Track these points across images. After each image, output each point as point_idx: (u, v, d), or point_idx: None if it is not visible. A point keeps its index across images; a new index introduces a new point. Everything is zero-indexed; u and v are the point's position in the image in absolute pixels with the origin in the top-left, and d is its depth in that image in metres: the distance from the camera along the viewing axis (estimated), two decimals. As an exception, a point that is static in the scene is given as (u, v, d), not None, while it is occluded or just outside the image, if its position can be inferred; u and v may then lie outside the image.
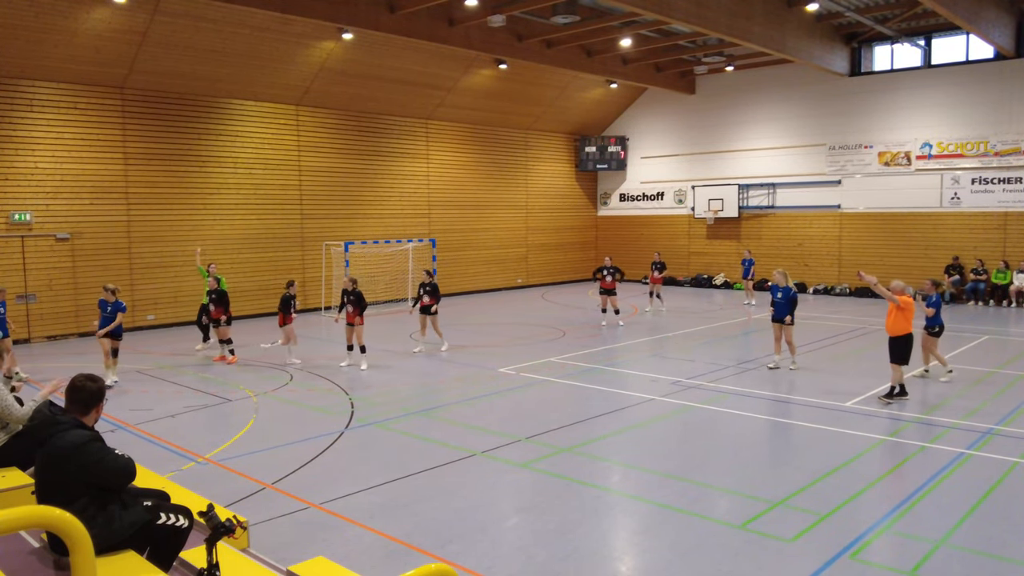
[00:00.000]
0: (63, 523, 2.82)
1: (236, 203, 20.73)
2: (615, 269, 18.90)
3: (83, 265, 18.04)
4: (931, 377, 12.57)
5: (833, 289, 25.48)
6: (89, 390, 4.57)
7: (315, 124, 22.28)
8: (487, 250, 27.50)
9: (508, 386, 12.46)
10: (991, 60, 22.44)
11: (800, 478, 7.92)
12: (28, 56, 16.32)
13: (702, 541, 6.46)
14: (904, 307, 11.02)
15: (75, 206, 17.88)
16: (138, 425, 10.26)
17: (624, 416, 10.55)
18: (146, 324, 19.07)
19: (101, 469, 4.38)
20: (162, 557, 4.56)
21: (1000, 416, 10.25)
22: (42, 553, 4.50)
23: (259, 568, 4.67)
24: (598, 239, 31.93)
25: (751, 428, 10.00)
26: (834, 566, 5.94)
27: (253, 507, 7.19)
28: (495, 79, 24.52)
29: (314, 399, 11.64)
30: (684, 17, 17.16)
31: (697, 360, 14.44)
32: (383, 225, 24.15)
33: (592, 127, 30.77)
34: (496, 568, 5.98)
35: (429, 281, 15.54)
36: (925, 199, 23.71)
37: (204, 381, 13.03)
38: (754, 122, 27.17)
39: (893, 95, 24.08)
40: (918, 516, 6.93)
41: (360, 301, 13.93)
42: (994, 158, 22.37)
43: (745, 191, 27.31)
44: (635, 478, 8.18)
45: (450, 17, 19.27)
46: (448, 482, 7.95)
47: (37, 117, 17.18)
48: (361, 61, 20.90)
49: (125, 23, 16.54)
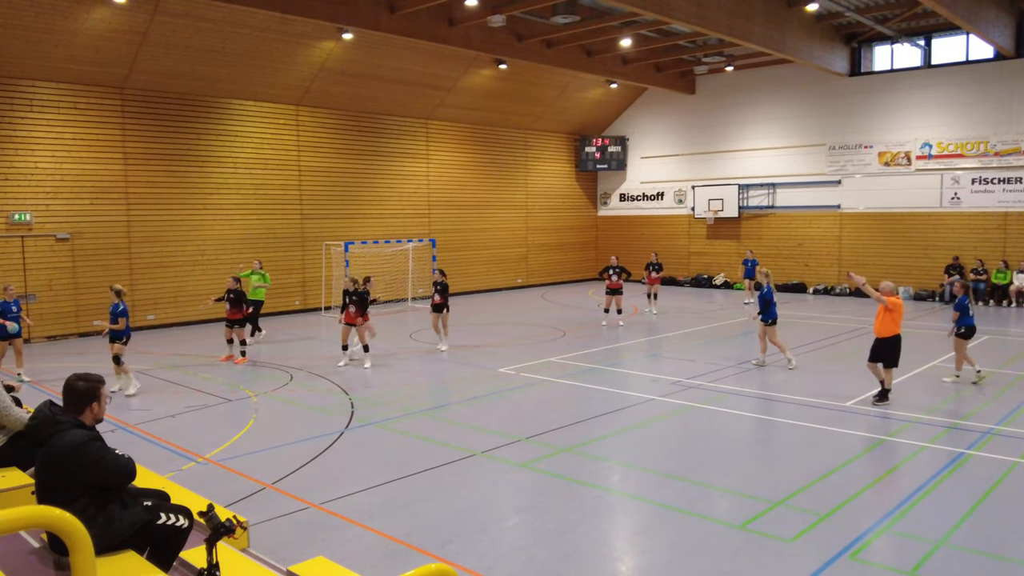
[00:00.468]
0: (63, 523, 2.82)
1: (236, 203, 20.73)
2: (621, 268, 18.91)
3: (83, 265, 18.04)
4: (962, 380, 12.30)
5: (833, 289, 25.48)
6: (78, 389, 4.54)
7: (315, 124, 22.29)
8: (487, 250, 27.50)
9: (508, 386, 12.46)
10: (991, 60, 22.44)
11: (800, 478, 7.92)
12: (28, 56, 16.32)
13: (702, 541, 6.46)
14: (892, 308, 10.94)
15: (75, 206, 17.88)
16: (138, 425, 10.26)
17: (624, 416, 10.55)
18: (146, 324, 19.07)
19: (101, 469, 4.37)
20: (162, 557, 4.55)
21: (1000, 416, 10.25)
22: (42, 553, 4.50)
23: (259, 568, 4.67)
24: (598, 239, 31.93)
25: (751, 428, 10.00)
26: (834, 566, 5.94)
27: (253, 507, 7.19)
28: (495, 79, 24.52)
29: (314, 399, 11.64)
30: (684, 17, 17.16)
31: (697, 360, 14.43)
32: (383, 225, 24.15)
33: (592, 127, 30.77)
34: (496, 568, 5.98)
35: (441, 280, 15.62)
36: (925, 199, 23.71)
37: (204, 381, 13.03)
38: (754, 122, 27.17)
39: (893, 95, 24.09)
40: (918, 516, 6.93)
41: (363, 301, 13.96)
42: (994, 158, 22.37)
43: (745, 191, 27.31)
44: (635, 478, 8.18)
45: (450, 17, 19.27)
46: (448, 482, 7.95)
47: (37, 117, 17.18)
48: (361, 61, 20.90)
49: (125, 23, 16.54)
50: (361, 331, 14.02)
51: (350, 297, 14.03)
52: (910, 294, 23.55)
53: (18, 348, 13.13)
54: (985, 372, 12.40)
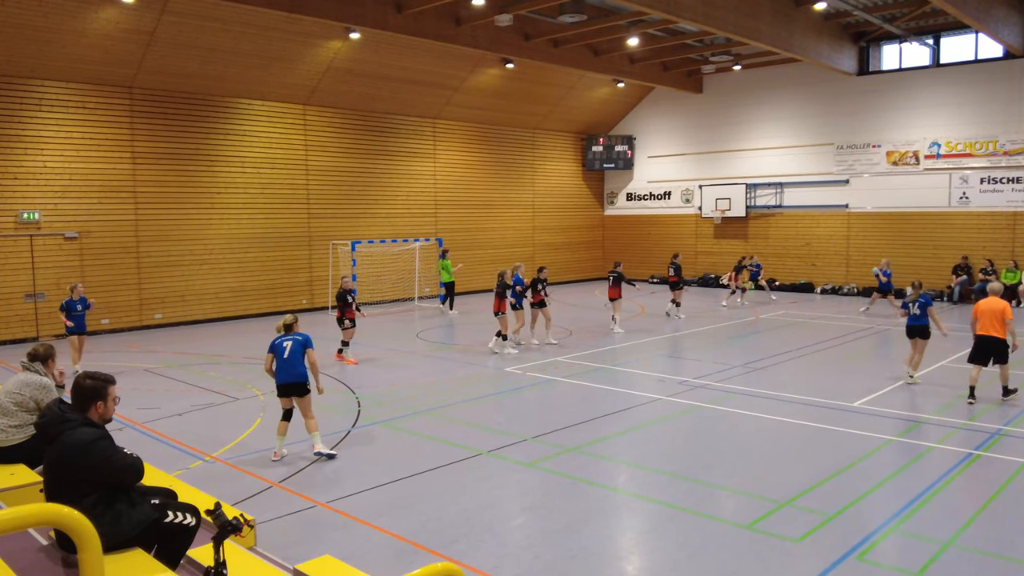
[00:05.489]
0: (71, 521, 2.83)
1: (244, 202, 20.78)
2: (618, 275, 18.27)
3: (91, 264, 18.12)
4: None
5: (841, 289, 25.39)
6: (83, 387, 4.59)
7: (322, 123, 22.32)
8: (494, 249, 27.49)
9: (514, 385, 12.46)
10: (1000, 59, 22.31)
11: (807, 478, 7.89)
12: (37, 56, 16.39)
13: (709, 541, 6.44)
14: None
15: (83, 205, 17.95)
16: (146, 423, 10.30)
17: (631, 416, 10.53)
18: (154, 323, 19.14)
19: (109, 467, 4.39)
20: (170, 555, 4.57)
21: (1008, 417, 10.20)
22: (50, 551, 4.51)
23: (266, 566, 4.68)
24: (605, 239, 31.89)
25: (758, 428, 9.97)
26: (841, 566, 5.92)
27: (260, 505, 7.20)
28: (502, 78, 24.51)
29: (320, 398, 11.63)
30: (691, 16, 17.13)
31: (704, 360, 14.40)
32: (390, 224, 24.17)
33: (599, 126, 30.73)
34: (503, 567, 5.98)
35: (543, 277, 16.43)
36: (934, 199, 23.60)
37: (211, 380, 13.07)
38: (761, 121, 27.09)
39: (901, 94, 23.98)
40: (926, 517, 6.90)
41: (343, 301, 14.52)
42: (1003, 157, 22.25)
43: (752, 190, 27.23)
44: (642, 478, 8.16)
45: (457, 16, 19.26)
46: (454, 481, 7.95)
47: (46, 117, 17.26)
48: (368, 60, 20.92)
49: (133, 23, 16.60)
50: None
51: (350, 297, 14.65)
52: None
53: (79, 345, 13.70)
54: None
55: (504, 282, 15.27)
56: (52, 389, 6.59)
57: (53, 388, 6.62)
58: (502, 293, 15.16)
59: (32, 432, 6.23)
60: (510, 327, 15.49)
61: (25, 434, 6.34)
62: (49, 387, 6.58)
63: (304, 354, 8.65)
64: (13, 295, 17.11)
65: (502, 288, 15.19)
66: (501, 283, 15.26)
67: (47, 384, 6.59)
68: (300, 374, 8.62)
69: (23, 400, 6.42)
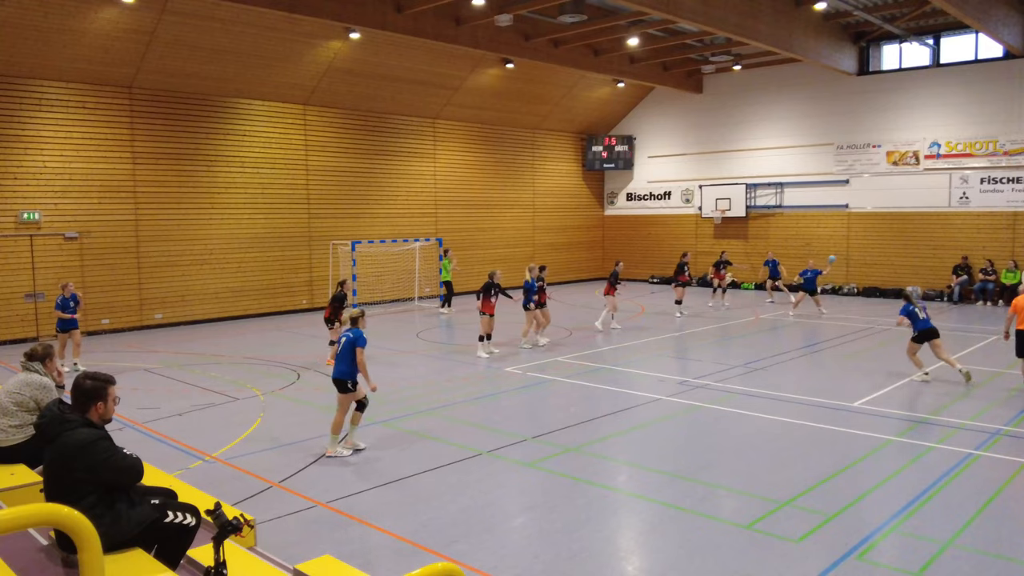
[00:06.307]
0: (71, 521, 2.83)
1: (243, 202, 20.78)
2: (615, 274, 18.22)
3: (91, 264, 18.12)
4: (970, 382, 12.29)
5: (841, 289, 25.39)
6: (83, 388, 4.59)
7: (322, 123, 22.32)
8: (494, 249, 27.49)
9: (514, 385, 12.46)
10: (1000, 59, 22.31)
11: (807, 478, 7.90)
12: (37, 56, 16.39)
13: (708, 541, 6.45)
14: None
15: (83, 205, 17.95)
16: (146, 423, 10.30)
17: (631, 416, 10.53)
18: (154, 323, 19.14)
19: (109, 467, 4.39)
20: (170, 555, 4.57)
21: (1008, 417, 10.20)
22: (50, 551, 4.52)
23: (266, 566, 4.69)
24: (605, 239, 31.89)
25: (758, 428, 9.97)
26: (841, 566, 5.92)
27: (260, 505, 7.21)
28: (502, 78, 24.52)
29: (321, 398, 11.65)
30: (691, 16, 17.13)
31: (704, 360, 14.40)
32: (390, 224, 24.17)
33: (599, 126, 30.73)
34: (503, 567, 5.98)
35: (542, 276, 16.33)
36: (934, 199, 23.60)
37: (211, 380, 13.07)
38: (761, 121, 27.09)
39: (901, 94, 23.98)
40: (926, 517, 6.91)
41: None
42: (1003, 157, 22.25)
43: (752, 190, 27.23)
44: (642, 478, 8.16)
45: (457, 16, 19.26)
46: (454, 481, 7.95)
47: (46, 117, 17.26)
48: (368, 60, 20.92)
49: (133, 23, 16.60)
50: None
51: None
52: (919, 294, 23.40)
53: (76, 340, 14.11)
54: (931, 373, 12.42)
55: (493, 282, 15.08)
56: (52, 389, 6.60)
57: (53, 388, 6.63)
58: (489, 293, 14.98)
59: (32, 432, 6.23)
60: (524, 327, 15.81)
61: (25, 434, 6.34)
62: (49, 387, 6.59)
63: (352, 352, 8.76)
64: (13, 295, 17.11)
65: (490, 288, 15.00)
66: (490, 283, 15.05)
67: (47, 384, 6.60)
68: (341, 371, 8.82)
69: (23, 400, 6.43)
